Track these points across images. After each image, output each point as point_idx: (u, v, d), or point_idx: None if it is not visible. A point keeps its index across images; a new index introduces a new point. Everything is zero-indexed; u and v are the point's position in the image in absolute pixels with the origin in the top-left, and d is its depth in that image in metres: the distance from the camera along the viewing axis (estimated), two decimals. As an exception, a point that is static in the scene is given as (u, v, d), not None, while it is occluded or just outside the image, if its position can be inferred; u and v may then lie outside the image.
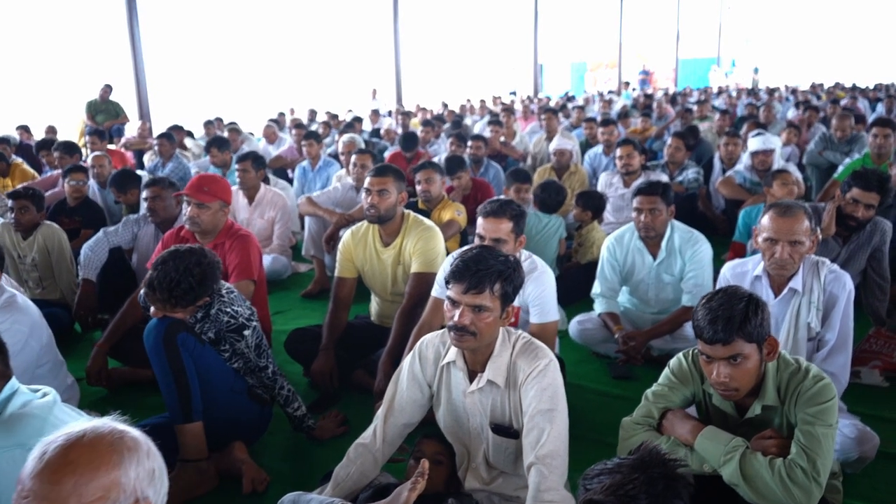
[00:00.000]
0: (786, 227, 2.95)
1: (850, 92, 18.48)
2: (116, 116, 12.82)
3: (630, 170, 5.98)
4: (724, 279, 3.28)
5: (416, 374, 2.53)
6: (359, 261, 4.02)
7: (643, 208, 3.92)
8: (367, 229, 4.02)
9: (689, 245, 3.98)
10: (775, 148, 6.24)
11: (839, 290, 3.02)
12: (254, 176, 5.79)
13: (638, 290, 4.18)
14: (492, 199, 3.34)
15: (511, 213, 3.26)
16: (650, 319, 4.17)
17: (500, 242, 3.25)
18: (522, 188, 5.61)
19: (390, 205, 3.83)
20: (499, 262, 2.32)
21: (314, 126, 12.87)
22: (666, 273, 4.05)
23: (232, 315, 2.99)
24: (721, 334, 2.12)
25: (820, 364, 3.04)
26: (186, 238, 4.03)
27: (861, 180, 3.82)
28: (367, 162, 5.87)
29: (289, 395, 3.22)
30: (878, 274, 3.97)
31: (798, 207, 2.99)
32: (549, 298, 3.34)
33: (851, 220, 3.84)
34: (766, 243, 3.01)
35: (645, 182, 4.00)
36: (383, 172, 3.85)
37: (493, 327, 2.33)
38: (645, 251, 4.07)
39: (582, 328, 4.15)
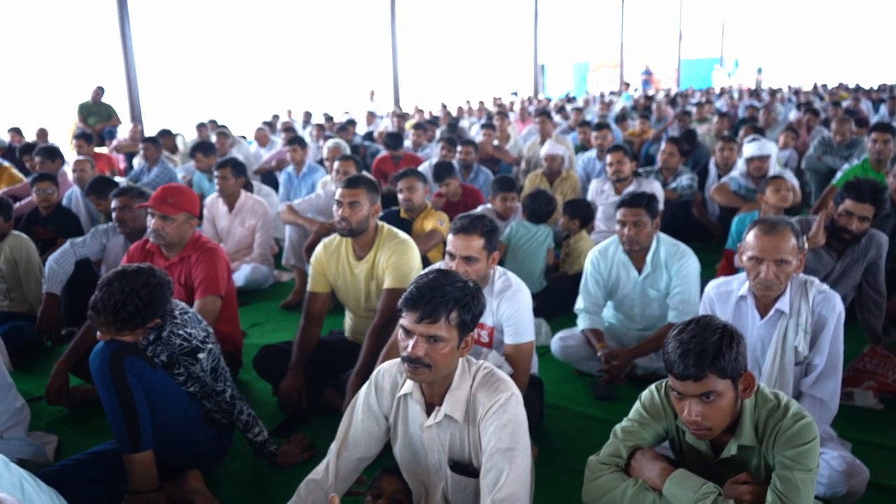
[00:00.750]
0: (771, 245, 2.78)
1: (854, 93, 18.27)
2: (109, 119, 12.68)
3: (621, 176, 5.81)
4: (707, 298, 3.11)
5: (371, 405, 2.37)
6: (331, 275, 3.87)
7: (627, 221, 3.76)
8: (339, 242, 3.86)
9: (676, 259, 3.81)
10: (771, 154, 6.07)
11: (828, 311, 2.85)
12: (233, 183, 5.64)
13: (623, 305, 4.01)
14: (462, 215, 3.18)
15: (482, 229, 3.09)
16: (635, 336, 4.00)
17: (472, 260, 3.09)
18: (508, 196, 5.45)
19: (362, 217, 3.67)
20: (456, 289, 2.16)
21: (308, 129, 12.75)
22: (651, 288, 3.89)
23: (185, 337, 2.84)
24: (692, 370, 1.95)
25: (808, 390, 2.89)
26: (152, 251, 3.88)
27: (854, 191, 3.64)
28: (350, 168, 5.71)
29: (249, 419, 3.06)
30: (873, 289, 3.80)
31: (784, 224, 2.82)
32: (525, 318, 3.18)
33: (846, 234, 3.67)
34: (751, 262, 2.84)
35: (629, 193, 3.83)
36: (355, 184, 3.70)
37: (450, 359, 2.16)
38: (630, 265, 3.90)
39: (564, 345, 3.99)
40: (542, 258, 5.04)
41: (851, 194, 3.65)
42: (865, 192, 3.62)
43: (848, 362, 3.79)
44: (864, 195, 3.62)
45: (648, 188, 5.81)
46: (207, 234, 5.85)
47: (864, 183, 3.66)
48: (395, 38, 17.27)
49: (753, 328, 2.97)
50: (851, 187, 3.66)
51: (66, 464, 2.85)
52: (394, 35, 17.25)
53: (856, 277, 3.78)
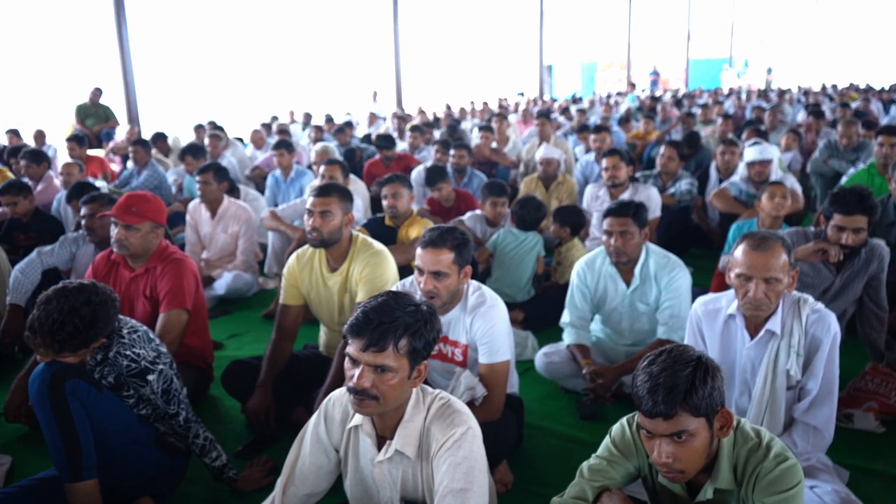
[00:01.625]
0: (760, 262, 2.58)
1: (864, 94, 17.97)
2: (107, 120, 12.58)
3: (616, 182, 5.60)
4: (694, 317, 2.92)
5: (321, 436, 2.20)
6: (304, 287, 3.69)
7: (613, 231, 3.56)
8: (312, 253, 3.69)
9: (666, 271, 3.61)
10: (773, 158, 5.85)
11: (823, 332, 2.65)
12: (216, 188, 5.47)
13: (610, 319, 3.82)
14: (432, 227, 2.99)
15: (452, 242, 2.91)
16: (624, 352, 3.81)
17: (441, 276, 2.91)
18: (498, 202, 5.26)
19: (334, 227, 3.49)
20: (406, 314, 1.97)
21: (307, 130, 12.59)
22: (640, 302, 3.69)
23: (133, 358, 2.66)
24: (661, 406, 1.76)
25: (801, 416, 2.69)
26: (118, 262, 3.72)
27: (840, 204, 3.44)
28: (336, 173, 5.55)
29: (205, 443, 2.88)
30: (874, 303, 3.59)
31: (774, 240, 2.62)
32: (500, 335, 2.98)
33: (844, 249, 3.46)
34: (739, 280, 2.64)
35: (616, 202, 3.63)
36: (326, 192, 3.52)
37: (400, 390, 1.98)
38: (618, 277, 3.71)
39: (548, 361, 3.79)
40: (529, 266, 4.84)
41: (838, 208, 3.45)
42: (852, 202, 3.42)
43: (848, 381, 3.59)
44: (851, 206, 3.41)
45: (645, 194, 5.61)
46: (190, 240, 5.69)
47: (849, 193, 3.46)
48: (397, 38, 17.09)
49: (743, 349, 2.78)
50: (836, 200, 3.47)
51: (9, 491, 2.68)
52: (396, 35, 17.08)
53: (856, 292, 3.57)
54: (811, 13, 34.78)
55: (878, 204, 3.48)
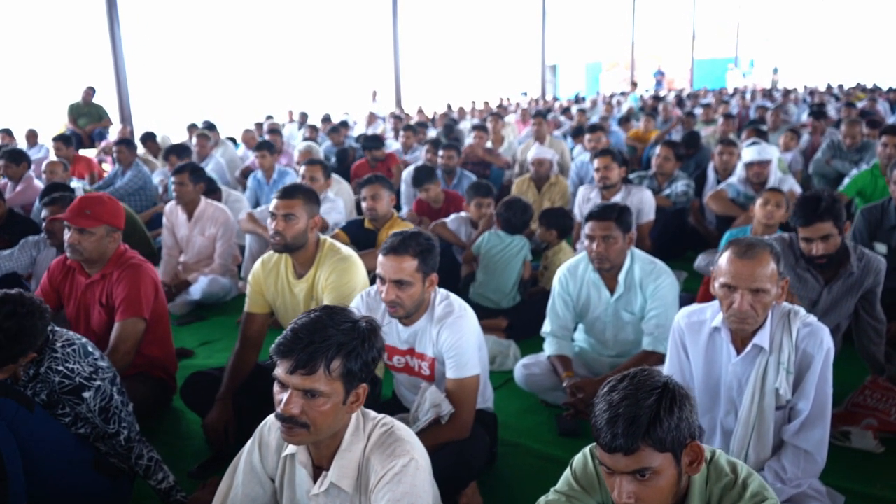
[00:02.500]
0: (746, 271, 2.37)
1: (870, 94, 17.68)
2: (100, 120, 12.41)
3: (608, 183, 5.38)
4: (677, 330, 2.71)
5: (255, 464, 2.00)
6: (269, 294, 3.51)
7: (595, 235, 3.35)
8: (278, 259, 3.50)
9: (651, 279, 3.40)
10: (772, 158, 5.62)
11: (815, 348, 2.44)
12: (191, 189, 5.27)
13: (594, 329, 3.60)
14: (395, 232, 2.79)
15: (416, 248, 2.70)
16: (608, 363, 3.60)
17: (404, 285, 2.70)
18: (484, 202, 5.05)
19: (298, 231, 3.30)
20: (341, 332, 1.77)
21: (302, 130, 12.40)
22: (625, 310, 3.48)
23: (66, 374, 2.47)
24: (621, 440, 1.55)
25: (791, 439, 2.48)
26: (73, 267, 3.53)
27: (798, 216, 3.23)
28: (317, 174, 5.36)
29: (150, 464, 2.68)
30: (871, 315, 3.38)
31: (761, 247, 2.41)
32: (468, 348, 2.78)
33: (819, 259, 3.25)
34: (724, 290, 2.43)
35: (598, 205, 3.42)
36: (290, 194, 3.33)
37: (333, 417, 1.78)
38: (601, 285, 3.49)
39: (528, 373, 3.58)
40: (515, 271, 4.64)
41: (797, 219, 3.24)
42: (808, 211, 3.20)
43: (846, 395, 3.38)
44: (808, 216, 3.20)
45: (638, 196, 5.40)
46: (167, 243, 5.50)
47: (806, 201, 3.24)
48: (396, 37, 16.89)
49: (728, 365, 2.56)
50: (795, 211, 3.26)
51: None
52: (395, 34, 16.87)
53: (849, 307, 3.37)
54: (818, 13, 34.41)
55: (840, 205, 3.24)
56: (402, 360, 2.97)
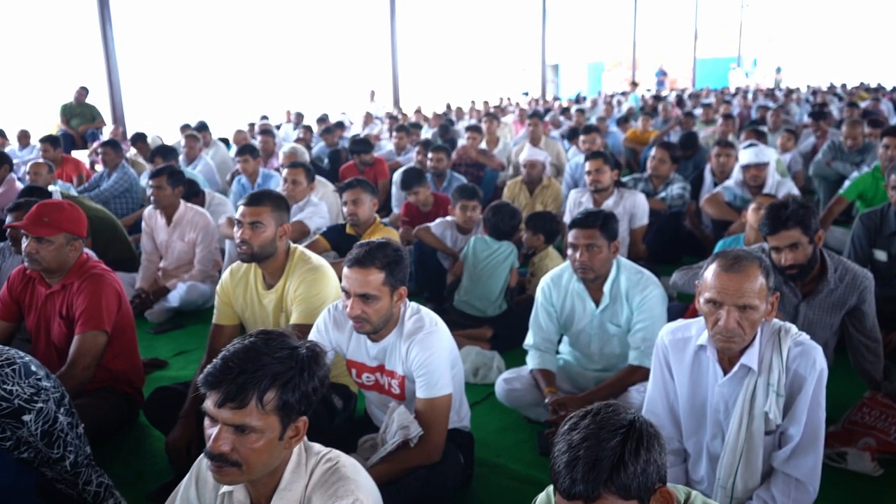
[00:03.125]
0: (732, 286, 2.20)
1: (874, 93, 17.47)
2: (93, 120, 12.26)
3: (600, 187, 5.21)
4: (661, 347, 2.54)
5: (191, 501, 1.83)
6: (238, 305, 3.35)
7: (578, 244, 3.18)
8: (248, 268, 3.35)
9: (638, 290, 3.22)
10: (769, 161, 5.45)
11: (807, 369, 2.27)
12: (170, 193, 5.11)
13: (579, 341, 3.44)
14: (361, 243, 2.63)
15: (382, 260, 2.54)
16: (593, 377, 3.43)
17: (370, 299, 2.54)
18: (469, 205, 4.89)
19: (266, 240, 3.14)
20: (276, 361, 1.61)
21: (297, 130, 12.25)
22: (611, 323, 3.31)
23: (3, 396, 2.30)
24: (581, 487, 1.38)
25: (781, 466, 2.31)
26: (33, 277, 3.37)
27: (766, 224, 3.07)
28: (299, 177, 5.21)
29: (99, 490, 2.53)
30: (863, 334, 3.20)
31: (750, 260, 2.24)
32: (439, 366, 2.62)
33: (790, 270, 3.08)
34: (709, 306, 2.26)
35: (582, 211, 3.25)
36: (257, 200, 3.17)
37: (268, 454, 1.62)
38: (586, 296, 3.33)
39: (509, 388, 3.41)
40: (502, 278, 4.47)
41: (765, 228, 3.09)
42: (775, 218, 3.03)
43: (843, 412, 3.21)
44: (774, 224, 3.03)
45: (631, 200, 5.23)
46: (146, 248, 5.35)
47: (772, 209, 3.08)
48: (394, 36, 16.73)
49: (715, 386, 2.40)
50: (763, 221, 3.09)
51: None
52: (393, 33, 16.71)
53: (833, 324, 3.20)
54: (822, 12, 34.16)
55: (810, 213, 3.06)
56: (371, 378, 2.81)
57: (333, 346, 2.82)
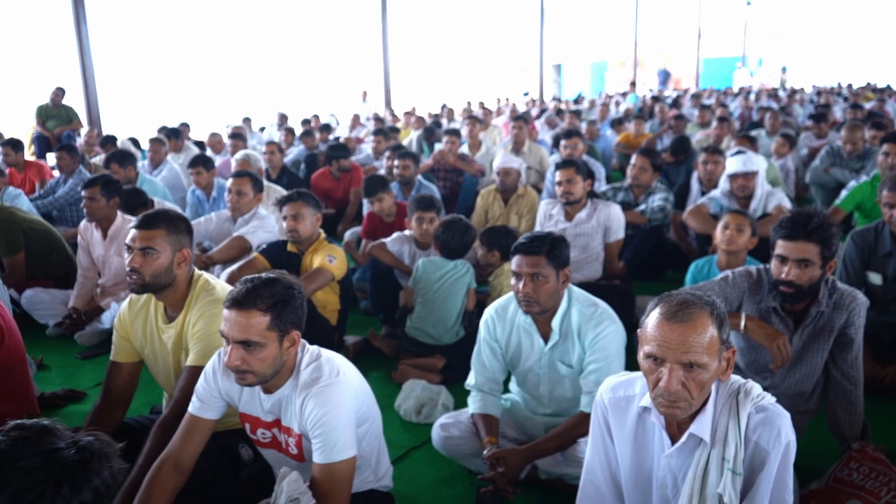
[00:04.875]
0: (676, 338, 1.79)
1: (880, 94, 16.96)
2: (69, 122, 11.89)
3: (571, 199, 4.78)
4: (600, 407, 2.12)
5: None
6: (137, 341, 2.94)
7: (521, 273, 2.75)
8: (148, 299, 2.93)
9: (591, 325, 2.80)
10: (758, 170, 5.02)
11: (770, 441, 1.85)
12: (104, 205, 4.70)
13: (527, 382, 3.01)
14: (246, 279, 2.22)
15: (269, 300, 2.14)
16: (542, 423, 3.01)
17: (253, 346, 2.14)
18: (426, 217, 4.47)
19: (160, 268, 2.72)
20: (20, 473, 1.20)
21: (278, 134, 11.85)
22: (561, 362, 2.88)
23: None
24: None
25: (739, 560, 1.88)
26: None
27: (783, 227, 2.67)
28: (245, 187, 4.80)
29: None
30: (841, 371, 2.77)
31: (699, 307, 1.82)
32: (339, 425, 2.20)
33: (783, 286, 2.66)
34: (649, 363, 1.85)
35: (526, 236, 2.83)
36: (150, 223, 2.76)
37: None
38: (534, 331, 2.90)
39: (446, 435, 2.98)
40: (458, 301, 4.05)
41: (780, 231, 2.67)
42: (799, 225, 2.62)
43: (829, 464, 2.78)
44: (796, 230, 2.62)
45: (605, 213, 4.80)
46: (82, 264, 4.94)
47: (798, 215, 2.66)
48: (385, 35, 16.31)
49: (661, 456, 1.98)
50: (781, 223, 2.69)
51: None
52: (385, 33, 16.29)
53: (823, 355, 2.77)
54: (829, 10, 33.59)
55: (834, 236, 2.65)
56: (267, 435, 2.40)
57: (223, 396, 2.41)
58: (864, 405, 2.85)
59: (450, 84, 24.19)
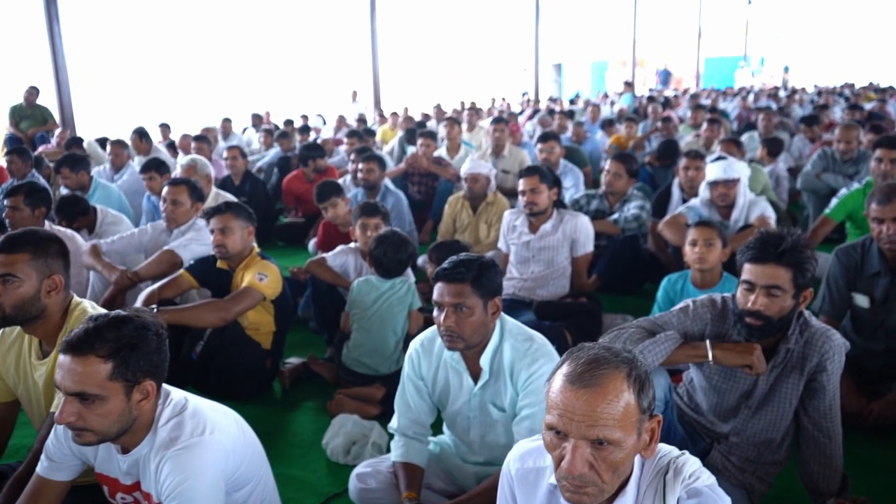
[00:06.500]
0: (581, 408, 1.43)
1: (881, 94, 16.52)
2: (44, 123, 11.55)
3: (535, 209, 4.40)
4: (506, 478, 1.77)
5: None
6: (10, 378, 2.59)
7: (443, 303, 2.38)
8: (21, 331, 2.56)
9: (525, 364, 2.42)
10: (740, 177, 4.64)
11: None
12: (28, 215, 4.34)
13: (456, 425, 2.64)
14: (89, 318, 1.87)
15: (112, 345, 1.81)
16: (473, 473, 2.63)
17: (90, 400, 1.81)
18: (370, 224, 4.11)
19: (22, 298, 2.36)
20: None
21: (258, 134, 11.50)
22: (493, 404, 2.51)
23: None
24: None
25: None
26: None
27: (752, 248, 2.30)
28: (181, 196, 4.42)
29: None
30: (813, 421, 2.39)
31: (612, 366, 1.46)
32: (199, 493, 1.84)
33: (748, 316, 2.29)
34: (550, 435, 1.48)
35: (449, 261, 2.45)
36: (11, 246, 2.40)
37: None
38: (462, 368, 2.53)
39: (363, 486, 2.61)
40: (398, 325, 3.67)
41: (748, 253, 2.31)
42: (768, 246, 2.25)
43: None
44: (764, 253, 2.26)
45: (572, 224, 4.43)
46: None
47: (770, 236, 2.29)
48: (374, 35, 15.93)
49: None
50: (750, 244, 2.32)
51: None
52: (374, 32, 15.91)
53: (792, 399, 2.39)
54: (831, 9, 33.11)
55: (809, 261, 2.28)
56: (128, 499, 2.04)
57: (76, 454, 2.05)
58: (843, 453, 2.48)
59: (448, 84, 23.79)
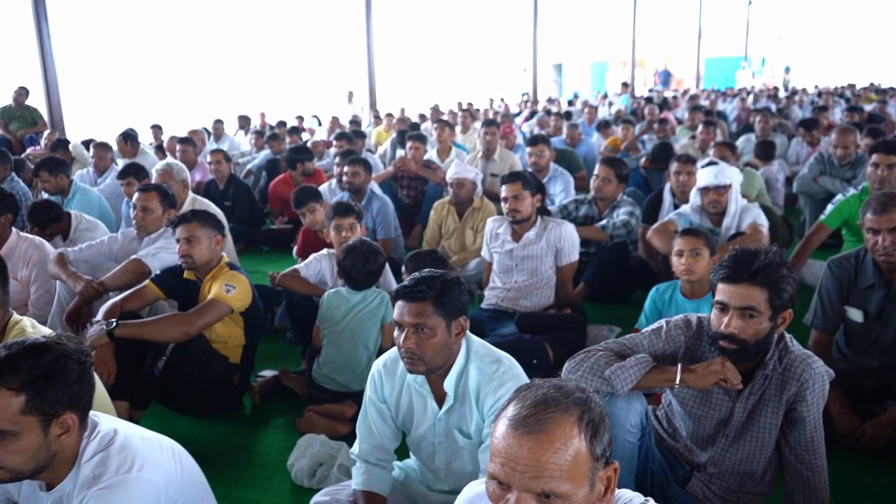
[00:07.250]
0: (525, 457, 1.28)
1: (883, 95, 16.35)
2: (34, 124, 11.41)
3: (518, 217, 4.25)
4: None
5: None
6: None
7: (403, 323, 2.24)
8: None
9: (492, 388, 2.27)
10: (731, 182, 4.49)
11: None
12: (0, 222, 4.21)
13: (421, 451, 2.49)
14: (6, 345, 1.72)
15: (23, 377, 1.66)
16: (438, 502, 2.48)
17: (2, 435, 1.63)
18: (344, 224, 3.98)
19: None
20: None
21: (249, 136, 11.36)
22: (459, 430, 2.36)
23: None
24: None
25: None
26: None
27: (725, 267, 2.17)
28: (152, 203, 4.28)
29: None
30: (795, 453, 2.24)
31: (562, 409, 1.31)
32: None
33: (724, 340, 2.15)
34: (493, 486, 1.33)
35: (411, 279, 2.30)
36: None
37: None
38: (427, 391, 2.38)
39: (321, 517, 2.47)
40: (370, 340, 3.51)
41: (721, 272, 2.17)
42: (742, 267, 2.12)
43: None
44: (738, 272, 2.12)
45: (556, 233, 4.28)
46: (-23, 286, 4.43)
47: (745, 253, 2.15)
48: (370, 35, 15.78)
49: None
50: (723, 263, 2.19)
51: None
52: (369, 32, 15.76)
53: (772, 428, 2.24)
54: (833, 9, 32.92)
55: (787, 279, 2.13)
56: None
57: (2, 492, 1.90)
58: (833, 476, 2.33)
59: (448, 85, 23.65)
